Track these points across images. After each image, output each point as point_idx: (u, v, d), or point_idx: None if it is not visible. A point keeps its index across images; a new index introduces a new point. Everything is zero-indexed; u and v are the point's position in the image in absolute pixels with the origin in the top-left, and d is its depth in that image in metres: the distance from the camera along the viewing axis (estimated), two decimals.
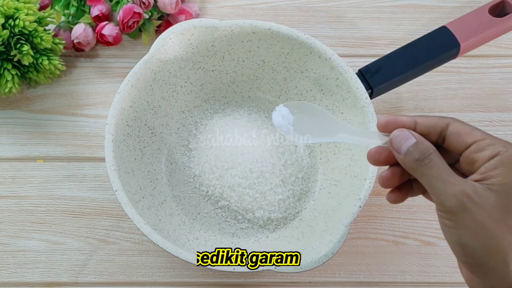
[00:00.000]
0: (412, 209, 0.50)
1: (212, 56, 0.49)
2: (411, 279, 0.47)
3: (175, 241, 0.43)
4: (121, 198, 0.40)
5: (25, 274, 0.47)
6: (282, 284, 0.47)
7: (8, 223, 0.49)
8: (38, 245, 0.49)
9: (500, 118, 0.54)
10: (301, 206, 0.48)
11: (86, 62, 0.58)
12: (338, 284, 0.47)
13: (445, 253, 0.48)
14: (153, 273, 0.47)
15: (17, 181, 0.51)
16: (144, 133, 0.47)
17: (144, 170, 0.47)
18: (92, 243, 0.49)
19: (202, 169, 0.49)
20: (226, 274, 0.47)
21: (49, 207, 0.50)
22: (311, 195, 0.49)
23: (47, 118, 0.55)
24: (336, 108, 0.48)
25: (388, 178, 0.33)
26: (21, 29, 0.49)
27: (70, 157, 0.53)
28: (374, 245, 0.48)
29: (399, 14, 0.61)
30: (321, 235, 0.43)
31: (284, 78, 0.51)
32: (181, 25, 0.46)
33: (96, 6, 0.55)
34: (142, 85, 0.46)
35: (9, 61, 0.52)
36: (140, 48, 0.59)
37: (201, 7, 0.61)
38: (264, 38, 0.48)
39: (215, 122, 0.51)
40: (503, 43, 0.58)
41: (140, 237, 0.49)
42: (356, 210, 0.40)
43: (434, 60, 0.47)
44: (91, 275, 0.47)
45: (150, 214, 0.43)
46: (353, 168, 0.45)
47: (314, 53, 0.47)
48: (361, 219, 0.49)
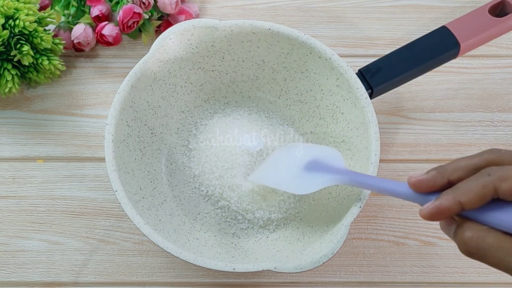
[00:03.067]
0: (412, 209, 0.50)
1: (212, 56, 0.49)
2: (411, 279, 0.47)
3: (175, 241, 0.43)
4: (121, 198, 0.40)
5: (25, 274, 0.47)
6: (282, 284, 0.47)
7: (8, 223, 0.49)
8: (38, 245, 0.49)
9: (501, 118, 0.54)
10: (301, 206, 0.48)
11: (86, 62, 0.58)
12: (338, 284, 0.47)
13: (445, 253, 0.48)
14: (153, 273, 0.47)
15: (17, 181, 0.51)
16: (144, 133, 0.47)
17: (144, 170, 0.47)
18: (92, 243, 0.49)
19: (202, 169, 0.49)
20: (226, 274, 0.47)
21: (49, 207, 0.50)
22: (312, 196, 0.48)
23: (47, 118, 0.55)
24: (336, 108, 0.48)
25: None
26: (21, 29, 0.49)
27: (70, 157, 0.53)
28: (375, 245, 0.48)
29: (399, 14, 0.61)
30: (321, 235, 0.43)
31: (284, 78, 0.51)
32: (181, 25, 0.46)
33: (96, 6, 0.55)
34: (142, 85, 0.46)
35: (9, 61, 0.52)
36: (140, 48, 0.59)
37: (201, 7, 0.61)
38: (264, 38, 0.48)
39: (215, 122, 0.51)
40: (504, 43, 0.58)
41: (140, 237, 0.49)
42: (356, 210, 0.40)
43: (434, 60, 0.47)
44: (91, 275, 0.47)
45: (150, 214, 0.43)
46: (353, 168, 0.45)
47: (314, 53, 0.46)
48: (361, 219, 0.49)
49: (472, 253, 0.27)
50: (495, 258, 0.26)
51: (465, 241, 0.27)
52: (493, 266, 0.27)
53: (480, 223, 0.27)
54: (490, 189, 0.26)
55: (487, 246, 0.26)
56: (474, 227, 0.27)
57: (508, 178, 0.26)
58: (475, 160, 0.28)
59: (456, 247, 0.48)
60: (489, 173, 0.26)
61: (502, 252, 0.25)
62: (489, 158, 0.28)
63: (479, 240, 0.26)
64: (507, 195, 0.26)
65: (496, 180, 0.26)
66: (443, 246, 0.48)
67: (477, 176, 0.27)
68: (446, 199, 0.27)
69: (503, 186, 0.26)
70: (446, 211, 0.27)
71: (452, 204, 0.27)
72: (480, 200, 0.26)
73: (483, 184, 0.26)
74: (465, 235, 0.27)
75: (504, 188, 0.26)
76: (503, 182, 0.26)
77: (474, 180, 0.27)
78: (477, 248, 0.26)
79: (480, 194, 0.26)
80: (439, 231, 0.49)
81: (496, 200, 0.27)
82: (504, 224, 0.26)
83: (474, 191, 0.26)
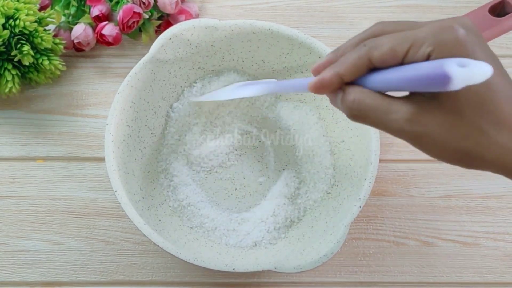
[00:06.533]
0: (412, 209, 0.50)
1: (212, 56, 0.49)
2: (411, 279, 0.47)
3: (175, 241, 0.43)
4: (121, 198, 0.40)
5: (25, 274, 0.47)
6: (282, 284, 0.47)
7: (8, 223, 0.50)
8: (38, 245, 0.49)
9: None
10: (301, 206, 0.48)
11: (86, 62, 0.58)
12: (338, 284, 0.47)
13: (445, 253, 0.48)
14: (153, 273, 0.47)
15: (17, 181, 0.51)
16: (144, 133, 0.47)
17: (144, 171, 0.47)
18: (92, 243, 0.49)
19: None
20: (226, 274, 0.47)
21: (49, 207, 0.50)
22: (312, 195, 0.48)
23: (47, 118, 0.55)
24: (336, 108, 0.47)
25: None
26: (21, 29, 0.49)
27: (70, 157, 0.53)
28: (374, 245, 0.48)
29: (399, 14, 0.61)
30: (321, 235, 0.43)
31: (284, 78, 0.51)
32: (181, 25, 0.46)
33: (96, 6, 0.55)
34: (142, 85, 0.46)
35: (10, 61, 0.52)
36: (140, 48, 0.59)
37: (201, 7, 0.61)
38: (264, 38, 0.48)
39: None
40: (504, 43, 0.58)
41: (140, 237, 0.49)
42: (356, 210, 0.40)
43: None
44: (91, 275, 0.47)
45: (150, 215, 0.43)
46: (353, 168, 0.45)
47: (314, 53, 0.47)
48: (361, 219, 0.49)
49: (356, 115, 0.28)
50: (375, 118, 0.27)
51: (348, 104, 0.28)
52: (375, 127, 0.28)
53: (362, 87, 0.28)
54: (365, 59, 0.27)
55: (367, 107, 0.27)
56: (355, 90, 0.28)
57: (378, 47, 0.27)
58: (362, 35, 0.29)
59: (456, 247, 0.48)
60: (365, 44, 0.27)
61: (380, 112, 0.27)
62: (374, 31, 0.29)
63: (360, 102, 0.27)
64: (379, 62, 0.27)
65: (369, 49, 0.27)
66: (443, 246, 0.48)
67: (356, 49, 0.28)
68: (327, 72, 0.28)
69: (375, 54, 0.27)
70: (328, 83, 0.28)
71: (332, 76, 0.28)
72: (357, 71, 0.28)
73: (358, 55, 0.27)
74: (347, 98, 0.28)
75: (376, 56, 0.27)
76: (375, 50, 0.27)
77: (352, 52, 0.28)
78: (359, 110, 0.27)
79: (356, 65, 0.27)
80: (439, 231, 0.49)
81: (375, 69, 0.28)
82: (379, 86, 0.27)
83: (351, 63, 0.28)
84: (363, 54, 0.27)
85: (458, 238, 0.49)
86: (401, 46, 0.26)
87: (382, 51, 0.26)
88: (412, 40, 0.26)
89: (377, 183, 0.50)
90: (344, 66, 0.28)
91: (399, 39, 0.26)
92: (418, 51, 0.25)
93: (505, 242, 0.48)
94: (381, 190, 0.51)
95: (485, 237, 0.49)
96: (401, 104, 0.27)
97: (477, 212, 0.50)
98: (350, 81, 0.28)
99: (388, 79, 0.27)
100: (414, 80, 0.25)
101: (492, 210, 0.50)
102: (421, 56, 0.25)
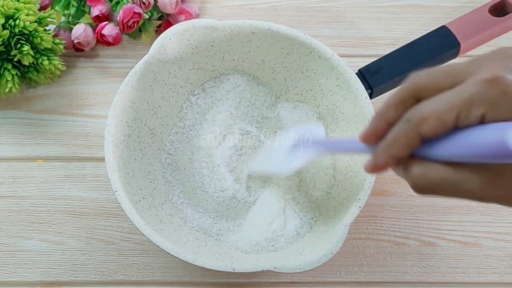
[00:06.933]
0: (413, 209, 0.50)
1: (212, 56, 0.49)
2: (411, 279, 0.47)
3: (175, 241, 0.43)
4: (121, 198, 0.40)
5: (25, 274, 0.47)
6: (282, 284, 0.47)
7: (8, 223, 0.50)
8: (38, 245, 0.49)
9: None
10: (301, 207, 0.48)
11: (86, 62, 0.58)
12: (339, 284, 0.47)
13: (445, 253, 0.48)
14: (153, 273, 0.47)
15: (17, 181, 0.51)
16: (144, 133, 0.47)
17: (144, 171, 0.47)
18: (92, 243, 0.49)
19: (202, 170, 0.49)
20: (226, 274, 0.47)
21: (49, 207, 0.50)
22: (311, 196, 0.48)
23: (47, 118, 0.55)
24: (336, 108, 0.48)
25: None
26: (21, 29, 0.49)
27: (70, 157, 0.53)
28: (375, 245, 0.48)
29: (399, 14, 0.61)
30: (321, 235, 0.43)
31: (284, 78, 0.51)
32: (181, 26, 0.46)
33: (96, 6, 0.55)
34: (142, 86, 0.46)
35: (9, 61, 0.52)
36: (140, 48, 0.59)
37: (201, 7, 0.61)
38: (264, 38, 0.48)
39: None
40: (504, 43, 0.58)
41: (140, 237, 0.49)
42: (356, 210, 0.40)
43: (434, 60, 0.47)
44: (91, 275, 0.47)
45: (150, 215, 0.43)
46: (353, 168, 0.45)
47: (314, 53, 0.46)
48: (361, 219, 0.49)
49: (423, 191, 0.27)
50: (444, 190, 0.26)
51: (413, 180, 0.27)
52: (447, 197, 0.26)
53: (424, 159, 0.27)
54: (414, 136, 0.26)
55: (434, 181, 0.26)
56: (417, 164, 0.27)
57: (425, 120, 0.25)
58: (399, 94, 0.28)
59: (456, 247, 0.48)
60: (408, 119, 0.26)
61: (449, 184, 0.25)
62: (411, 90, 0.27)
63: (425, 177, 0.26)
64: (431, 135, 0.25)
65: (416, 125, 0.26)
66: (443, 246, 0.48)
67: (400, 125, 0.27)
68: (380, 156, 0.28)
69: (424, 129, 0.25)
70: (384, 165, 0.28)
71: (386, 160, 0.28)
72: (410, 148, 0.26)
73: (406, 134, 0.26)
74: (412, 174, 0.27)
75: (425, 131, 0.25)
76: (422, 126, 0.25)
77: (397, 130, 0.27)
78: (425, 185, 0.26)
79: (408, 143, 0.26)
80: (439, 231, 0.49)
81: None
82: (439, 156, 0.26)
83: (401, 142, 0.26)
84: (411, 131, 0.26)
85: (459, 238, 0.49)
86: (449, 115, 0.24)
87: (430, 125, 0.25)
88: (458, 106, 0.24)
89: (377, 183, 0.50)
90: (396, 148, 0.27)
91: (443, 106, 0.25)
92: (469, 115, 0.24)
93: (505, 242, 0.48)
94: (381, 190, 0.51)
95: (486, 237, 0.49)
96: (470, 172, 0.25)
97: (477, 212, 0.50)
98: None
99: (446, 150, 0.25)
100: (477, 155, 0.23)
101: (493, 210, 0.50)
102: (474, 120, 0.24)
